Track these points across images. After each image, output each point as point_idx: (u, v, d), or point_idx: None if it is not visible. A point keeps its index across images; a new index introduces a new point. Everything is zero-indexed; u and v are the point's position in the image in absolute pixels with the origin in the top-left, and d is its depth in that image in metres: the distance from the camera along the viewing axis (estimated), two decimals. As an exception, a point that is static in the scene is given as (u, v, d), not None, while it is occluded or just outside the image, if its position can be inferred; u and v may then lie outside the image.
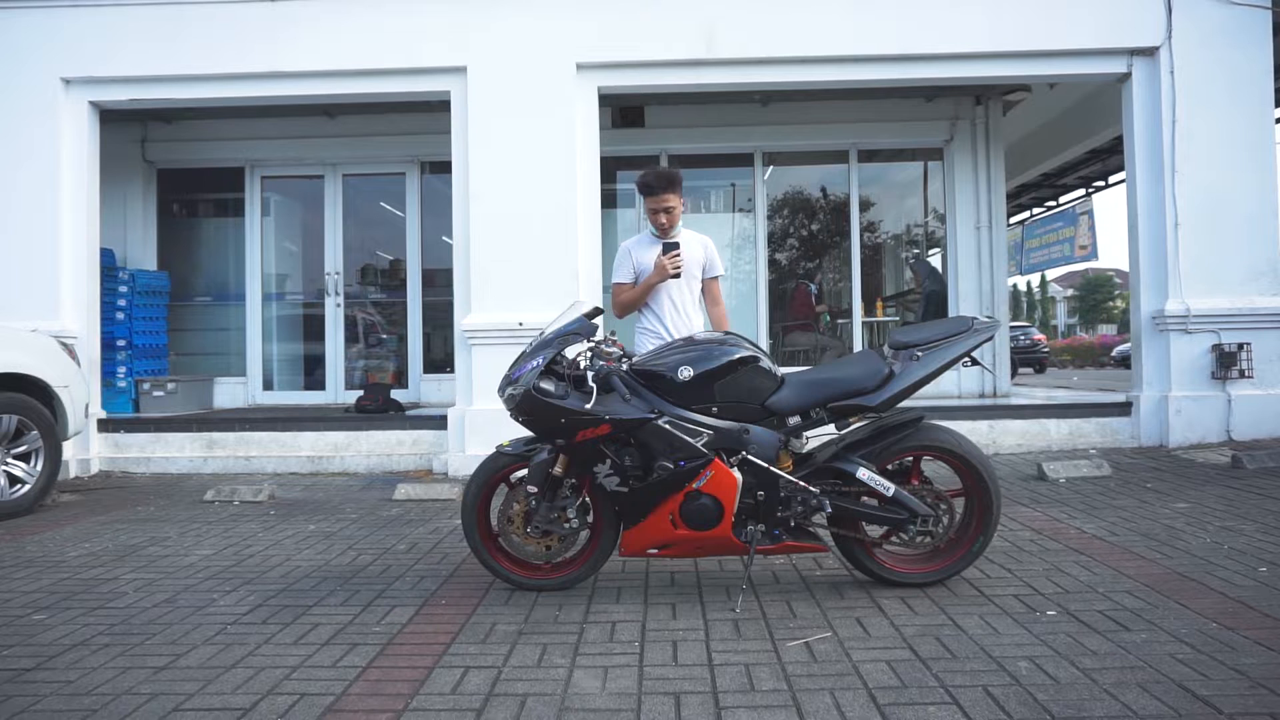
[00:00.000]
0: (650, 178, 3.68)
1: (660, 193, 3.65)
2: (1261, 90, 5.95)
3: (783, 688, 2.17)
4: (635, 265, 3.81)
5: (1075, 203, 11.19)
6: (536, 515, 2.94)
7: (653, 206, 3.70)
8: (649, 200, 3.71)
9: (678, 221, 3.77)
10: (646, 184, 3.68)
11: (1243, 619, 2.57)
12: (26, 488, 4.78)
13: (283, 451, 6.26)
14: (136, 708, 2.12)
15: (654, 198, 3.68)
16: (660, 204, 3.67)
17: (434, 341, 8.30)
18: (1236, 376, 5.80)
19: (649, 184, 3.67)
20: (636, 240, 3.89)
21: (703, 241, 3.88)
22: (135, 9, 6.12)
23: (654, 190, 3.66)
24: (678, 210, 3.72)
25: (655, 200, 3.68)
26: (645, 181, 3.69)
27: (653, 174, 3.70)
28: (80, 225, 6.21)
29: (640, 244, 3.85)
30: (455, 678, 2.28)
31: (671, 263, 3.66)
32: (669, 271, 3.66)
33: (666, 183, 3.65)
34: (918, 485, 2.97)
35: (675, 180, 3.68)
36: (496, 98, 6.03)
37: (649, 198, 3.70)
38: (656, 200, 3.67)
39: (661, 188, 3.65)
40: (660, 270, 3.66)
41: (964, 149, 7.99)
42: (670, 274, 3.67)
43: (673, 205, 3.69)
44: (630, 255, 3.83)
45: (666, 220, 3.70)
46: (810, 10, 5.97)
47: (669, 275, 3.67)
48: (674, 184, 3.67)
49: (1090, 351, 28.20)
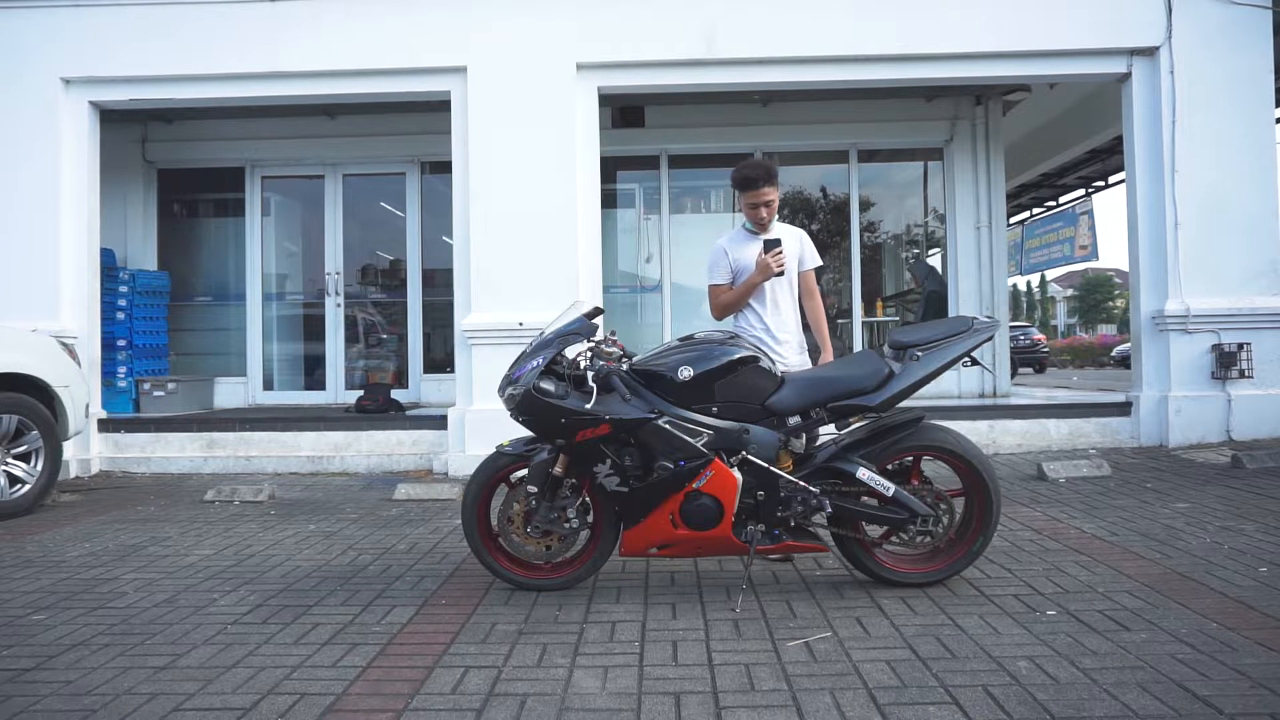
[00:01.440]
0: (750, 170, 3.49)
1: (761, 185, 3.46)
2: (1261, 90, 5.95)
3: (783, 688, 2.17)
4: (733, 264, 3.59)
5: (1075, 203, 11.19)
6: (536, 515, 2.94)
7: (751, 201, 3.51)
8: (747, 194, 3.51)
9: (774, 214, 3.58)
10: (746, 177, 3.49)
11: (1243, 619, 2.57)
12: (27, 488, 4.78)
13: (283, 451, 6.26)
14: (136, 708, 2.12)
15: (753, 191, 3.48)
16: (760, 198, 3.49)
17: (434, 341, 8.30)
18: (1236, 376, 5.80)
19: (749, 177, 3.48)
20: (731, 238, 3.67)
21: (798, 235, 3.70)
22: (135, 9, 6.12)
23: (754, 183, 3.47)
24: (775, 203, 3.54)
25: (754, 194, 3.48)
26: (744, 175, 3.49)
27: (751, 166, 3.51)
28: (80, 225, 6.21)
29: (736, 241, 3.63)
30: (455, 678, 2.28)
31: (775, 260, 3.44)
32: (773, 269, 3.45)
33: (766, 175, 3.46)
34: (918, 485, 2.97)
35: (774, 172, 3.51)
36: (497, 98, 6.03)
37: (747, 191, 3.50)
38: (756, 194, 3.48)
39: (762, 180, 3.46)
40: (763, 269, 3.45)
41: (964, 149, 7.99)
42: (775, 272, 3.47)
43: (773, 199, 3.51)
44: (727, 254, 3.61)
45: (767, 214, 3.52)
46: (810, 10, 5.97)
47: (773, 273, 3.47)
48: (773, 176, 3.49)
49: (1090, 351, 28.20)
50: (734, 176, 3.56)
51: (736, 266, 3.59)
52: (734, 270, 3.60)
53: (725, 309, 3.65)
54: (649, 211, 8.31)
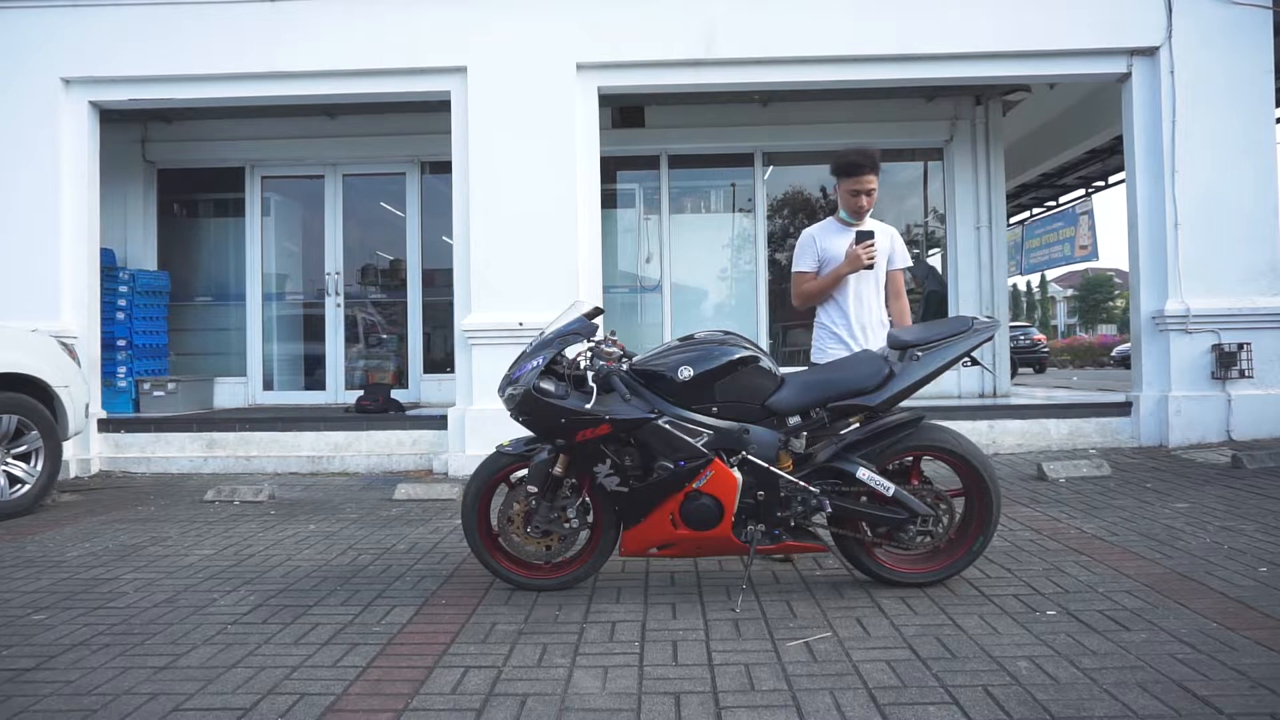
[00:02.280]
0: (854, 155, 3.37)
1: (864, 172, 3.35)
2: (1261, 90, 5.95)
3: (783, 688, 2.17)
4: (820, 253, 3.49)
5: (1075, 203, 11.19)
6: (536, 515, 2.94)
7: (852, 188, 3.39)
8: (847, 181, 3.39)
9: (872, 205, 3.46)
10: (849, 162, 3.37)
11: (1243, 619, 2.57)
12: (26, 488, 4.78)
13: (283, 451, 6.26)
14: (136, 708, 2.12)
15: (854, 178, 3.37)
16: (862, 185, 3.37)
17: (434, 341, 8.31)
18: (1236, 376, 5.80)
19: (852, 162, 3.36)
20: (822, 227, 3.56)
21: (889, 231, 3.58)
22: (135, 9, 6.12)
23: (857, 169, 3.35)
24: (876, 193, 3.43)
25: (855, 180, 3.37)
26: (847, 160, 3.38)
27: (855, 152, 3.39)
28: (80, 225, 6.21)
29: (827, 230, 3.53)
30: (455, 678, 2.28)
31: (866, 252, 3.34)
32: (863, 261, 3.34)
33: (870, 161, 3.35)
34: (918, 485, 2.97)
35: (878, 159, 3.40)
36: (496, 98, 6.03)
37: (848, 178, 3.39)
38: (857, 180, 3.37)
39: (865, 166, 3.34)
40: (853, 260, 3.35)
41: (964, 149, 8.00)
42: (864, 264, 3.35)
43: (874, 187, 3.40)
44: (815, 242, 3.50)
45: (867, 203, 3.41)
46: (810, 10, 5.97)
47: (862, 266, 3.36)
48: (877, 163, 3.38)
49: (1090, 351, 28.22)
50: (835, 162, 3.45)
51: (824, 255, 3.49)
52: (821, 259, 3.49)
53: (808, 298, 3.55)
54: (649, 211, 8.31)
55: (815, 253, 3.51)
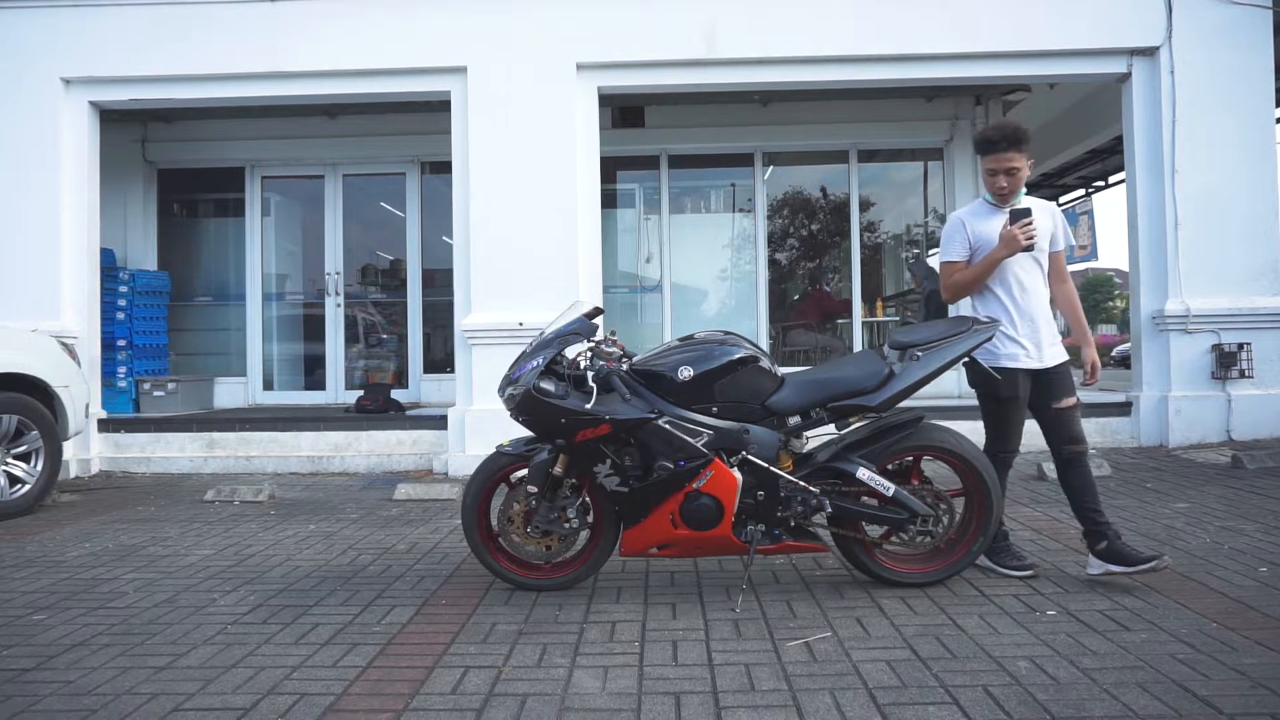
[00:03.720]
0: (991, 131, 3.08)
1: (1003, 149, 3.03)
2: (1261, 90, 5.95)
3: (783, 688, 2.17)
4: (971, 239, 3.15)
5: (1075, 203, 11.18)
6: (536, 515, 2.94)
7: (991, 166, 3.08)
8: (988, 159, 3.08)
9: (1020, 187, 3.11)
10: (986, 139, 3.08)
11: (1243, 619, 2.57)
12: (27, 488, 4.78)
13: (283, 451, 6.26)
14: (136, 708, 2.12)
15: (994, 155, 3.05)
16: (1002, 163, 3.04)
17: (434, 341, 8.30)
18: (1236, 376, 5.80)
19: (989, 139, 3.07)
20: (970, 210, 3.23)
21: (1049, 209, 3.25)
22: (135, 9, 6.12)
23: (995, 146, 3.04)
24: (1023, 173, 3.08)
25: (995, 159, 3.05)
26: (984, 136, 3.10)
27: (995, 127, 3.09)
28: (80, 225, 6.21)
29: (976, 214, 3.19)
30: (455, 678, 2.28)
31: (1024, 232, 2.99)
32: (1021, 243, 3.00)
33: (1010, 138, 3.02)
34: (918, 485, 2.97)
35: (1022, 136, 3.04)
36: (496, 98, 6.03)
37: (988, 156, 3.08)
38: (997, 159, 3.05)
39: (1006, 143, 3.02)
40: (1009, 241, 3.00)
41: (964, 149, 7.98)
42: (1023, 245, 3.01)
43: (1018, 166, 3.05)
44: (964, 228, 3.16)
45: (1008, 184, 3.07)
46: (810, 10, 5.97)
47: (1020, 248, 3.01)
48: (1019, 140, 3.03)
49: (1090, 351, 28.09)
50: (976, 138, 3.23)
51: (976, 242, 3.15)
52: (973, 246, 3.16)
53: (959, 290, 3.21)
54: (649, 211, 8.31)
55: (965, 238, 3.17)
